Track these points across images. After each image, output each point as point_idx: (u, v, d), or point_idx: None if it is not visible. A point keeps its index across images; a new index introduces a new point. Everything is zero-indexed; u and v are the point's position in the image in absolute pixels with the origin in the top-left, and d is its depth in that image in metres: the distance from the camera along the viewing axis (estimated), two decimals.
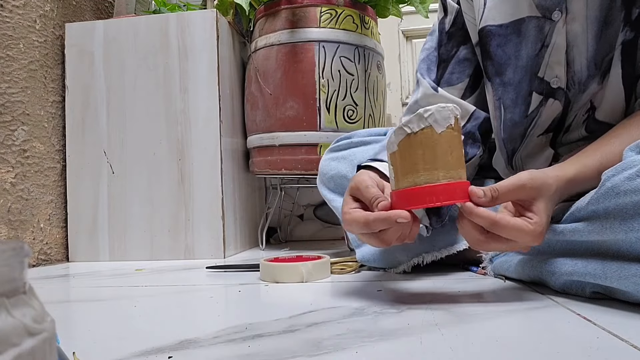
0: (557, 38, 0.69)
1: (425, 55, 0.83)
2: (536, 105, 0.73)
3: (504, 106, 0.76)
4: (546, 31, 0.69)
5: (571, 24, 0.68)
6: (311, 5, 1.19)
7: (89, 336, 0.51)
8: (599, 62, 0.68)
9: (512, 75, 0.73)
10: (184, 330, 0.51)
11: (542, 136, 0.75)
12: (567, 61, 0.69)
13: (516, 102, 0.74)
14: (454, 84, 0.81)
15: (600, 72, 0.68)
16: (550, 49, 0.69)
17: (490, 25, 0.74)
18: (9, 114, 1.08)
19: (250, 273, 0.88)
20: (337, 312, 0.55)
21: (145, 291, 0.75)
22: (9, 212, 1.07)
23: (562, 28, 0.68)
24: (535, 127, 0.74)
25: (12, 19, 1.09)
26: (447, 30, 0.83)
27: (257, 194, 1.49)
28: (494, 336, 0.44)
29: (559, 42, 0.69)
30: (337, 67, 1.17)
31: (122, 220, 1.19)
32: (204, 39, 1.18)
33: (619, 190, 0.49)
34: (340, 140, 0.93)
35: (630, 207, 0.49)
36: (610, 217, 0.51)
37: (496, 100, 0.77)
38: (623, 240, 0.50)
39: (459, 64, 0.82)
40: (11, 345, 0.18)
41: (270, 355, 0.41)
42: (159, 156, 1.18)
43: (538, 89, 0.72)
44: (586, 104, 0.70)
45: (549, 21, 0.69)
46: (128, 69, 1.20)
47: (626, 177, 0.49)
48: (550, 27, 0.69)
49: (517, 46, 0.72)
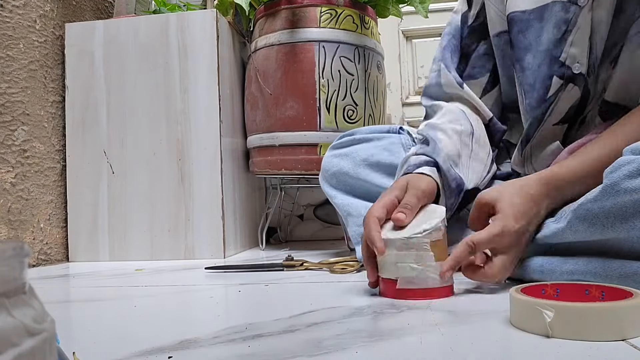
0: (582, 23, 0.69)
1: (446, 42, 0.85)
2: (555, 90, 0.72)
3: (524, 91, 0.76)
4: (571, 15, 0.69)
5: (597, 10, 0.68)
6: (311, 5, 1.19)
7: (89, 336, 0.51)
8: (610, 48, 0.69)
9: (531, 60, 0.74)
10: (184, 330, 0.51)
11: (557, 126, 0.74)
12: (590, 47, 0.69)
13: (534, 87, 0.74)
14: (476, 77, 0.84)
15: (609, 58, 0.69)
16: (574, 34, 0.69)
17: (514, 11, 0.75)
18: (9, 114, 1.08)
19: (250, 273, 0.88)
20: (337, 312, 0.55)
21: (145, 291, 0.75)
22: (9, 212, 1.07)
23: (587, 13, 0.68)
24: (553, 113, 0.74)
25: (12, 19, 1.09)
26: (470, 24, 0.84)
27: (257, 194, 1.49)
28: (494, 336, 0.44)
29: (584, 27, 0.69)
30: (337, 67, 1.17)
31: (122, 220, 1.19)
32: (204, 39, 1.18)
33: (618, 188, 0.49)
34: (343, 137, 0.94)
35: (630, 206, 0.49)
36: (611, 216, 0.51)
37: (519, 87, 0.78)
38: (624, 239, 0.50)
39: (479, 58, 0.84)
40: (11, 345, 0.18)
41: (270, 355, 0.41)
42: (159, 156, 1.18)
43: (558, 73, 0.72)
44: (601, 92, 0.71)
45: (574, 5, 0.69)
46: (128, 69, 1.20)
47: (625, 174, 0.49)
48: (576, 12, 0.69)
49: (538, 32, 0.73)
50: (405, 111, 1.71)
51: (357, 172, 0.88)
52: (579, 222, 0.54)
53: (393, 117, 1.69)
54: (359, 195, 0.88)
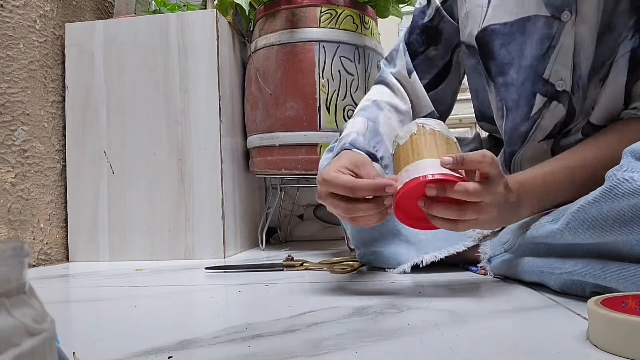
0: (565, 39, 0.67)
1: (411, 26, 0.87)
2: (539, 108, 0.72)
3: (506, 107, 0.75)
4: (554, 31, 0.68)
5: (580, 26, 0.66)
6: (311, 5, 1.19)
7: (89, 336, 0.51)
8: (599, 67, 0.67)
9: (515, 76, 0.72)
10: (184, 330, 0.51)
11: (544, 142, 0.74)
12: (574, 64, 0.68)
13: (518, 104, 0.73)
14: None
15: (599, 76, 0.68)
16: (558, 50, 0.68)
17: (494, 24, 0.73)
18: (9, 114, 1.08)
19: (250, 273, 0.88)
20: (337, 312, 0.55)
21: (145, 291, 0.75)
22: (9, 212, 1.07)
23: (570, 29, 0.67)
24: (537, 130, 0.73)
25: (12, 19, 1.10)
26: (424, 22, 0.84)
27: (257, 194, 1.49)
28: (494, 336, 0.44)
29: (567, 43, 0.67)
30: (337, 67, 1.17)
31: (122, 220, 1.19)
32: (204, 39, 1.18)
33: (617, 192, 0.49)
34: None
35: (628, 210, 0.49)
36: (610, 219, 0.51)
37: (499, 101, 0.77)
38: (623, 242, 0.50)
39: (424, 61, 0.85)
40: (11, 345, 0.18)
41: (270, 355, 0.41)
42: (159, 156, 1.18)
43: (542, 91, 0.71)
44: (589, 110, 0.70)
45: (557, 21, 0.67)
46: (128, 69, 1.20)
47: (625, 179, 0.49)
48: (559, 28, 0.67)
49: (521, 45, 0.71)
50: None
51: None
52: (578, 224, 0.54)
53: None
54: None
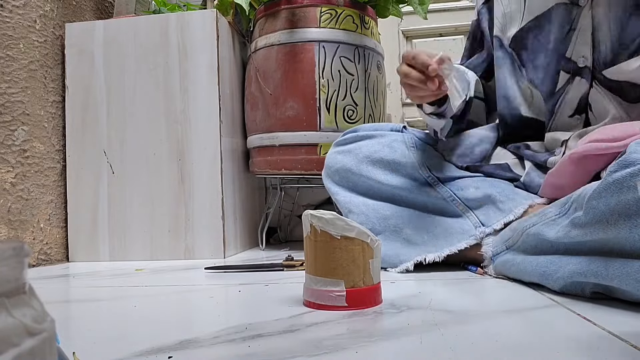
0: (583, 22, 0.77)
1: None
2: (563, 84, 0.80)
3: (533, 85, 0.84)
4: (573, 15, 0.78)
5: (596, 9, 0.76)
6: (311, 5, 1.19)
7: (89, 336, 0.51)
8: (627, 43, 0.73)
9: (543, 59, 0.82)
10: (184, 330, 0.51)
11: (573, 118, 0.81)
12: (593, 43, 0.77)
13: (543, 81, 0.82)
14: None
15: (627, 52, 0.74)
16: (577, 32, 0.78)
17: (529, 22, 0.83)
18: (9, 114, 1.08)
19: (250, 273, 0.88)
20: (337, 312, 0.55)
21: (145, 291, 0.75)
22: (9, 212, 1.07)
23: (587, 12, 0.76)
24: (563, 104, 0.81)
25: (12, 19, 1.09)
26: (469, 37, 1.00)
27: (257, 194, 1.49)
28: (494, 336, 0.44)
29: (585, 25, 0.77)
30: (337, 67, 1.17)
31: (122, 220, 1.19)
32: (204, 39, 1.18)
33: (621, 186, 0.49)
34: (347, 134, 0.96)
35: (633, 204, 0.49)
36: (615, 214, 0.51)
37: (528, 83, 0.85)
38: (626, 237, 0.50)
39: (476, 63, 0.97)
40: (11, 345, 0.18)
41: (270, 355, 0.41)
42: (159, 156, 1.18)
43: (565, 68, 0.80)
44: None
45: (576, 6, 0.77)
46: (128, 69, 1.20)
47: (629, 173, 0.49)
48: (577, 12, 0.77)
49: (548, 33, 0.81)
50: (405, 111, 1.71)
51: (360, 168, 0.89)
52: (584, 215, 0.54)
53: (393, 117, 1.69)
54: (361, 192, 0.89)
